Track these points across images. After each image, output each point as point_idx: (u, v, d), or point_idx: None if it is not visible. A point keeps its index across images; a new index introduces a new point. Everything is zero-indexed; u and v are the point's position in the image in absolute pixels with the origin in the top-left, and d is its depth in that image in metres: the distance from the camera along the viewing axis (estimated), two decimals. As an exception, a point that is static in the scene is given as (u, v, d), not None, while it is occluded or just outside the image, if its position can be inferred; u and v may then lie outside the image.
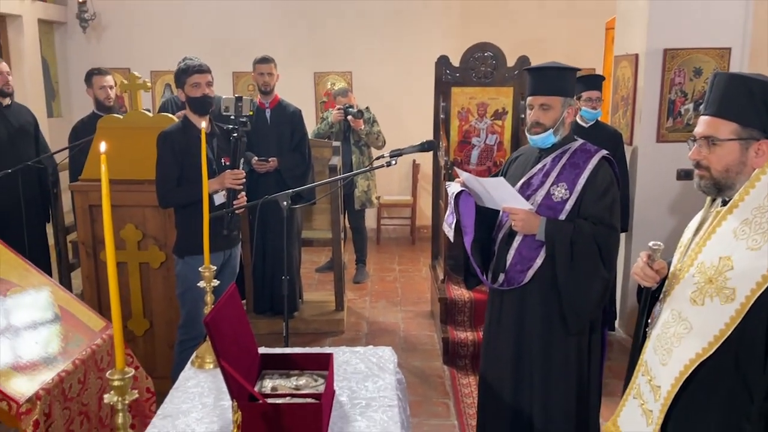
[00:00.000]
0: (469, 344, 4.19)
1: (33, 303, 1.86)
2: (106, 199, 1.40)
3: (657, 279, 1.95)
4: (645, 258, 1.95)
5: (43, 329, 1.80)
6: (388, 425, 1.83)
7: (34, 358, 1.69)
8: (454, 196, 2.71)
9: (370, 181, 5.81)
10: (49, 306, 1.91)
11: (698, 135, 1.76)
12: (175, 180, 3.25)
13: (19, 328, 1.74)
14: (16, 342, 1.70)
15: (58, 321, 1.88)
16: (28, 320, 1.79)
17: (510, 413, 2.78)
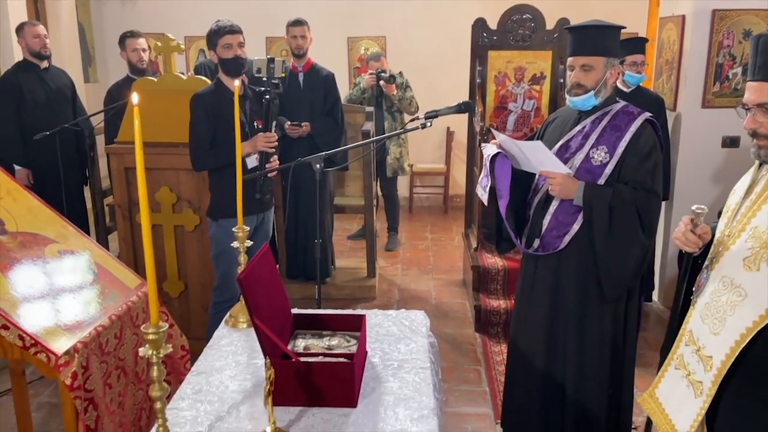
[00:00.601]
0: (502, 312, 4.16)
1: (70, 259, 1.88)
2: (139, 152, 1.38)
3: (699, 244, 1.88)
4: (687, 222, 1.88)
5: (80, 285, 1.82)
6: (420, 386, 1.81)
7: (72, 313, 1.71)
8: (490, 158, 2.65)
9: (402, 148, 5.75)
10: (86, 262, 1.93)
11: (751, 103, 1.66)
12: (208, 143, 3.25)
13: (56, 283, 1.76)
14: (54, 296, 1.72)
15: (94, 277, 1.89)
16: (65, 275, 1.80)
17: (541, 381, 2.75)
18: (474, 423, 3.18)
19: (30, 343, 1.58)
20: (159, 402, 1.44)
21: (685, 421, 1.71)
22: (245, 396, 1.76)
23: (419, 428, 1.61)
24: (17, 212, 1.89)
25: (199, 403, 1.72)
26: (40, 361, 1.60)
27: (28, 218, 1.90)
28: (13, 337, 1.58)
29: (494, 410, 3.29)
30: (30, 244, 1.81)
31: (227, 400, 1.74)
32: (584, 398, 2.66)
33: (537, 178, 2.75)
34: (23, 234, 1.83)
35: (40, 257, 1.79)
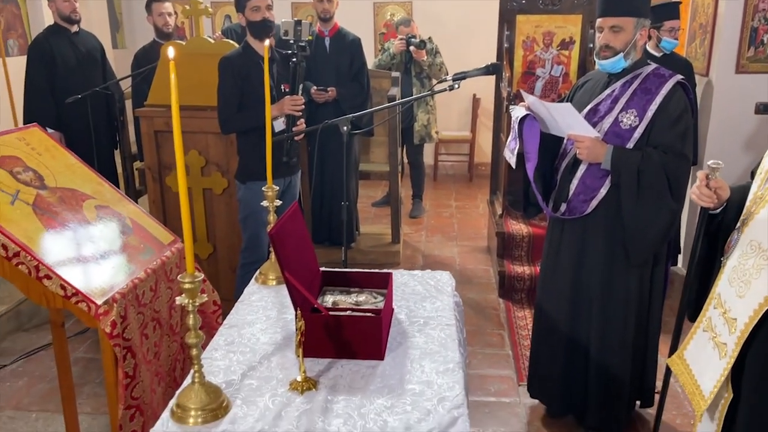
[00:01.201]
0: (526, 278, 4.18)
1: (107, 214, 1.94)
2: (175, 106, 1.41)
3: (714, 198, 1.88)
4: (703, 177, 1.89)
5: (116, 239, 1.88)
6: (445, 342, 1.85)
7: (110, 265, 1.77)
8: (518, 120, 2.64)
9: (430, 114, 5.71)
10: (122, 218, 1.98)
11: None
12: (236, 105, 3.28)
13: (95, 237, 1.82)
14: (93, 249, 1.78)
15: (130, 232, 1.95)
16: (102, 230, 1.86)
17: (566, 344, 2.78)
18: (497, 385, 3.23)
19: (71, 292, 1.64)
20: (195, 349, 1.50)
21: (709, 381, 1.73)
22: (276, 348, 1.82)
23: (445, 380, 1.66)
24: (56, 169, 1.94)
25: (231, 353, 1.78)
26: (81, 310, 1.66)
27: (66, 174, 1.96)
28: (56, 287, 1.64)
29: (517, 373, 3.33)
30: (68, 199, 1.87)
31: (259, 351, 1.80)
32: (608, 362, 2.68)
33: (565, 143, 2.74)
34: (62, 189, 1.89)
35: (79, 212, 1.85)
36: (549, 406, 2.98)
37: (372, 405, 1.55)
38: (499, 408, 3.05)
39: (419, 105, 5.55)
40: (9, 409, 3.01)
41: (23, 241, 1.63)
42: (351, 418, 1.50)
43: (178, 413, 1.49)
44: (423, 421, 1.48)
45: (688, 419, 2.93)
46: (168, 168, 3.82)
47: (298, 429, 1.46)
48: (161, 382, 1.94)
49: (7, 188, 1.74)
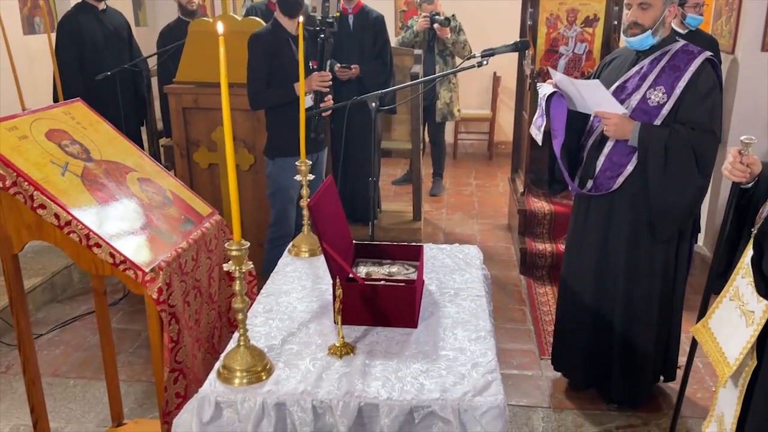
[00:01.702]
0: (548, 255, 4.22)
1: (149, 186, 2.00)
2: (224, 81, 1.47)
3: (747, 173, 1.91)
4: (735, 153, 1.91)
5: (159, 210, 1.95)
6: (476, 311, 1.91)
7: (154, 235, 1.84)
8: (545, 97, 2.67)
9: (453, 92, 5.71)
10: (163, 190, 2.05)
11: None
12: (265, 82, 3.32)
13: (139, 208, 1.89)
14: (138, 220, 1.85)
15: (170, 204, 2.02)
16: (146, 201, 1.93)
17: (590, 319, 2.83)
18: (519, 358, 3.29)
19: (120, 260, 1.71)
20: (241, 313, 1.57)
21: (734, 349, 1.77)
22: (313, 315, 1.88)
23: (477, 347, 1.71)
24: (100, 142, 2.01)
25: (270, 320, 1.85)
26: (128, 277, 1.74)
27: (109, 148, 2.02)
28: (105, 255, 1.71)
29: (539, 347, 3.39)
30: (113, 171, 1.94)
31: (297, 318, 1.87)
32: (632, 337, 2.73)
33: (591, 120, 2.76)
34: (107, 162, 1.96)
35: (123, 184, 1.92)
36: (572, 380, 3.04)
37: (408, 369, 1.61)
38: (521, 380, 3.11)
39: (442, 83, 5.56)
40: (47, 376, 3.13)
41: (74, 210, 1.70)
42: (389, 381, 1.56)
43: (225, 374, 1.56)
44: (458, 385, 1.55)
45: (709, 393, 2.98)
46: (195, 144, 3.89)
47: (339, 390, 1.52)
48: (201, 347, 2.02)
49: (57, 160, 1.81)
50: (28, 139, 1.79)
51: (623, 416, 2.84)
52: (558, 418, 2.85)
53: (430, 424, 1.51)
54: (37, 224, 1.75)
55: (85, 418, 2.83)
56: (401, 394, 1.51)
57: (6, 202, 1.75)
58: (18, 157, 1.70)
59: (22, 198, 1.71)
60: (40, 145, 1.80)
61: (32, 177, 1.69)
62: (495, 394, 1.51)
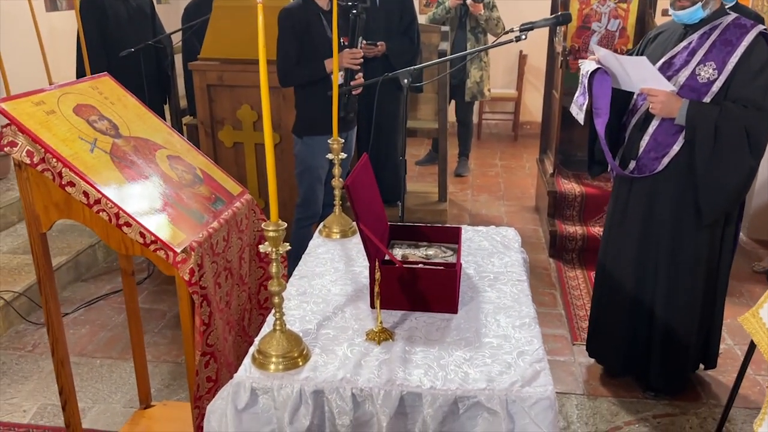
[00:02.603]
0: (578, 238, 4.11)
1: (178, 164, 1.94)
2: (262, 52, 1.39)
3: None
4: None
5: (190, 189, 1.88)
6: (519, 297, 1.82)
7: (186, 215, 1.78)
8: (588, 74, 2.55)
9: (483, 71, 5.54)
10: (193, 168, 1.98)
11: None
12: (295, 58, 3.24)
13: (169, 186, 1.82)
14: (168, 198, 1.78)
15: (201, 182, 1.95)
16: (176, 180, 1.87)
17: (629, 304, 2.73)
18: (551, 343, 3.21)
19: (150, 240, 1.65)
20: (277, 297, 1.50)
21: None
22: (348, 299, 1.81)
23: (522, 334, 1.64)
24: (128, 118, 1.94)
25: (305, 303, 1.78)
26: (159, 257, 1.67)
27: (138, 124, 1.96)
28: (135, 234, 1.65)
29: (570, 332, 3.30)
30: (142, 148, 1.87)
31: (331, 301, 1.80)
32: (673, 324, 2.64)
33: (635, 98, 2.65)
34: (135, 138, 1.89)
35: (152, 161, 1.85)
36: (607, 366, 2.95)
37: (451, 357, 1.54)
38: (554, 366, 3.03)
39: (472, 61, 5.41)
40: (74, 356, 3.11)
41: (103, 188, 1.64)
42: (431, 369, 1.49)
43: (260, 359, 1.50)
44: (504, 374, 1.47)
45: (750, 382, 2.88)
46: (220, 123, 3.82)
47: (379, 378, 1.46)
48: (231, 330, 1.96)
49: (86, 136, 1.74)
50: (56, 114, 1.72)
51: (660, 405, 2.76)
52: (592, 405, 2.77)
53: (475, 414, 1.44)
54: (66, 202, 1.70)
55: (112, 398, 2.80)
56: (445, 383, 1.44)
57: (34, 180, 1.69)
58: (46, 133, 1.64)
59: (51, 175, 1.65)
60: (68, 121, 1.74)
61: (61, 153, 1.62)
62: (544, 385, 1.43)
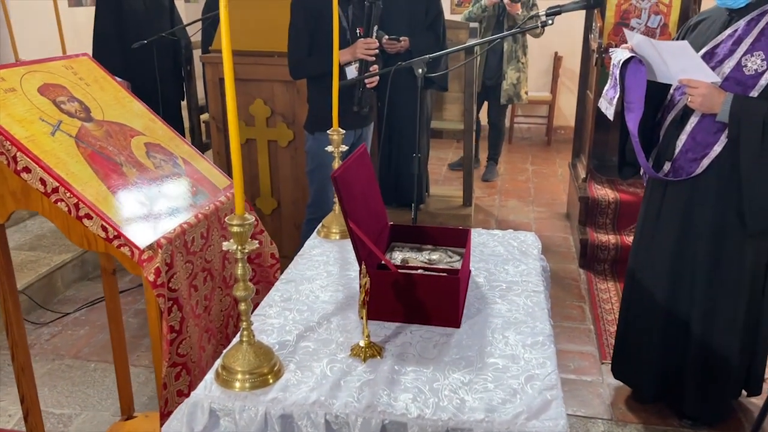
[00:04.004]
0: (611, 248, 3.82)
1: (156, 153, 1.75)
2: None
3: None
4: None
5: (165, 179, 1.69)
6: (533, 310, 1.59)
7: (156, 207, 1.59)
8: (620, 64, 2.29)
9: (521, 73, 5.24)
10: (173, 158, 1.80)
11: None
12: (307, 48, 3.05)
13: (141, 176, 1.64)
14: (138, 189, 1.60)
15: (181, 173, 1.76)
16: (150, 169, 1.68)
17: (662, 321, 2.46)
18: (577, 361, 2.94)
19: (113, 234, 1.47)
20: (244, 303, 1.30)
21: None
22: (337, 307, 1.60)
23: (534, 355, 1.40)
24: (104, 101, 1.77)
25: (287, 311, 1.58)
26: (124, 255, 1.49)
27: (115, 108, 1.78)
28: (97, 228, 1.47)
29: (599, 350, 3.02)
30: (116, 133, 1.70)
31: (317, 310, 1.59)
32: (712, 345, 2.35)
33: (672, 91, 2.38)
34: (109, 123, 1.72)
35: (126, 148, 1.68)
36: (637, 390, 2.67)
37: (446, 380, 1.31)
38: (579, 386, 2.76)
39: (509, 61, 5.14)
40: (69, 358, 2.96)
41: (62, 175, 1.46)
42: (421, 394, 1.26)
43: (224, 375, 1.30)
44: (508, 403, 1.23)
45: (801, 413, 2.56)
46: (233, 118, 3.65)
47: (359, 402, 1.24)
48: (212, 338, 1.76)
49: (48, 118, 1.57)
50: (15, 92, 1.56)
51: (698, 435, 2.48)
52: (621, 432, 2.50)
53: (471, 450, 1.21)
54: (23, 191, 1.53)
55: (101, 405, 2.64)
56: (435, 411, 1.21)
57: (-11, 165, 1.52)
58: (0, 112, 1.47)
59: (5, 160, 1.48)
60: (30, 101, 1.57)
61: (14, 135, 1.45)
62: (555, 419, 1.19)
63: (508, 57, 5.12)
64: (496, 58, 5.16)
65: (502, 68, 5.18)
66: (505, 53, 5.10)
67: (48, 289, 3.48)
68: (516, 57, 5.18)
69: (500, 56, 5.13)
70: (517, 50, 5.12)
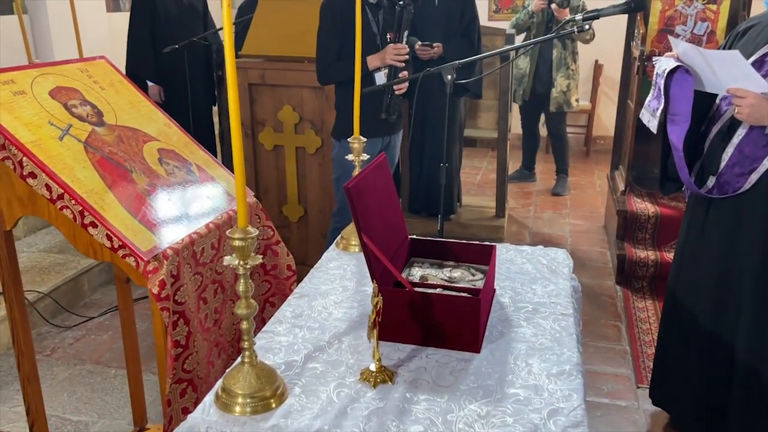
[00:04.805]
0: (650, 264, 3.65)
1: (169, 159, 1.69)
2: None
3: None
4: None
5: (176, 187, 1.63)
6: (560, 336, 1.47)
7: (165, 216, 1.53)
8: (665, 73, 2.15)
9: (571, 80, 5.05)
10: (187, 165, 1.74)
11: None
12: (335, 53, 2.99)
13: (151, 183, 1.58)
14: (147, 197, 1.54)
15: (195, 181, 1.70)
16: (161, 176, 1.62)
17: (705, 345, 2.30)
18: (611, 384, 2.79)
19: (118, 244, 1.41)
20: (246, 322, 1.21)
21: None
22: (350, 326, 1.51)
23: (559, 386, 1.28)
24: (118, 105, 1.72)
25: (297, 328, 1.49)
26: (129, 265, 1.43)
27: (129, 112, 1.73)
28: (101, 237, 1.42)
29: (635, 373, 2.86)
30: (128, 139, 1.64)
31: (329, 328, 1.50)
32: (760, 370, 2.18)
33: (718, 102, 2.23)
34: (122, 128, 1.67)
35: (137, 154, 1.62)
36: (676, 417, 2.51)
37: (461, 411, 1.21)
38: (613, 411, 2.62)
39: (558, 69, 4.97)
40: (90, 363, 2.94)
41: (66, 181, 1.41)
42: (433, 426, 1.16)
43: (223, 398, 1.22)
44: (528, 440, 1.13)
45: None
46: (261, 124, 3.61)
47: (365, 433, 1.14)
48: (222, 353, 1.69)
49: (58, 122, 1.53)
50: (25, 95, 1.51)
51: (742, 469, 2.30)
52: (657, 463, 2.35)
53: (486, 491, 1.10)
54: (30, 197, 1.48)
55: (119, 413, 2.60)
56: (448, 447, 1.11)
57: (-4, 169, 1.48)
58: (6, 115, 1.43)
59: (12, 164, 1.44)
60: (40, 104, 1.53)
61: (19, 139, 1.41)
62: (579, 461, 1.08)
63: (557, 64, 4.96)
64: (546, 65, 5.01)
65: (552, 76, 5.02)
66: (554, 60, 4.94)
67: (74, 292, 3.48)
68: (565, 64, 5.01)
69: (550, 64, 4.97)
70: (567, 57, 4.97)
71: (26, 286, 3.27)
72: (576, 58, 5.08)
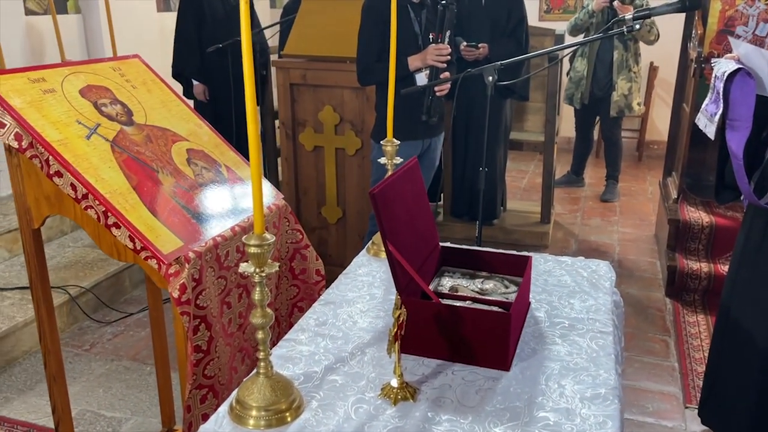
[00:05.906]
0: (703, 277, 3.47)
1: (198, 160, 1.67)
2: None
3: None
4: None
5: (204, 188, 1.60)
6: (597, 356, 1.37)
7: (191, 218, 1.50)
8: (725, 76, 2.02)
9: (632, 83, 4.87)
10: (216, 165, 1.71)
11: None
12: (376, 53, 2.94)
13: (178, 184, 1.55)
14: (173, 198, 1.52)
15: (223, 182, 1.67)
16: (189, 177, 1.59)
17: (759, 363, 2.15)
18: (656, 402, 2.65)
19: (140, 246, 1.39)
20: (261, 332, 1.17)
21: None
22: (374, 337, 1.45)
23: (593, 411, 1.19)
24: (149, 104, 1.71)
25: (320, 337, 1.44)
26: (152, 267, 1.41)
27: (160, 111, 1.72)
28: (124, 238, 1.40)
29: (684, 391, 2.71)
30: (156, 138, 1.63)
31: (353, 338, 1.44)
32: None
33: (781, 106, 2.08)
34: (151, 127, 1.65)
35: (165, 154, 1.60)
36: (726, 441, 2.36)
37: (486, 434, 1.13)
38: (657, 433, 2.48)
39: (620, 71, 4.80)
40: (127, 359, 2.97)
41: (90, 181, 1.40)
42: (454, 450, 1.09)
43: (237, 410, 1.18)
44: (555, 471, 1.04)
45: None
46: (302, 124, 3.59)
47: (381, 454, 1.08)
48: (246, 359, 1.66)
49: (86, 121, 1.52)
50: (55, 93, 1.51)
51: (798, 502, 2.14)
52: (704, 491, 2.21)
53: None
54: (57, 196, 1.48)
55: (151, 411, 2.61)
56: (468, 474, 1.04)
57: (25, 168, 1.49)
58: (34, 113, 1.42)
59: (39, 163, 1.43)
60: (69, 102, 1.52)
61: (46, 137, 1.40)
62: (611, 498, 0.99)
63: (618, 66, 4.79)
64: (605, 68, 4.84)
65: (612, 78, 4.84)
66: (615, 63, 4.77)
67: (115, 288, 3.53)
68: (627, 66, 4.83)
69: (609, 66, 4.80)
70: (629, 59, 4.78)
71: (70, 281, 3.34)
72: (639, 60, 4.89)
